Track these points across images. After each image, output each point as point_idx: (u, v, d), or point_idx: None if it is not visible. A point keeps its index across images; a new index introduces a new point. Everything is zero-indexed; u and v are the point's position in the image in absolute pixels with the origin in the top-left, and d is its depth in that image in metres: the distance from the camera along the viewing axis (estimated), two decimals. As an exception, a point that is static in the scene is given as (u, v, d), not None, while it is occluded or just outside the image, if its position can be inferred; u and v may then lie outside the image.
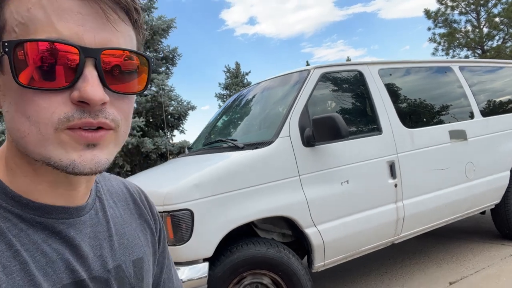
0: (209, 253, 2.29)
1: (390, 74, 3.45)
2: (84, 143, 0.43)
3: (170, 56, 9.88)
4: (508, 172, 3.89)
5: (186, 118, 9.43)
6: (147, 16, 8.90)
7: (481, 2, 17.79)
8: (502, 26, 17.49)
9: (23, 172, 0.48)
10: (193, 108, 9.39)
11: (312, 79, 2.93)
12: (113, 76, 0.45)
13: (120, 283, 0.55)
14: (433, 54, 19.40)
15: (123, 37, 0.46)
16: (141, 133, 7.85)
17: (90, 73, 0.42)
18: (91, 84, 0.42)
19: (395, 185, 3.05)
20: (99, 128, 0.44)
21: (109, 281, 0.53)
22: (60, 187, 0.49)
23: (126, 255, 0.57)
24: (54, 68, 0.41)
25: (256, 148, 2.61)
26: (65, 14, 0.41)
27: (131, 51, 0.46)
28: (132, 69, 0.47)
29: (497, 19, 17.55)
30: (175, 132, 9.68)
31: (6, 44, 0.40)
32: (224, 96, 23.85)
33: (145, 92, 9.00)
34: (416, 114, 3.56)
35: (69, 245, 0.49)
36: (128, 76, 0.47)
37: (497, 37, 17.96)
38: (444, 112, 3.71)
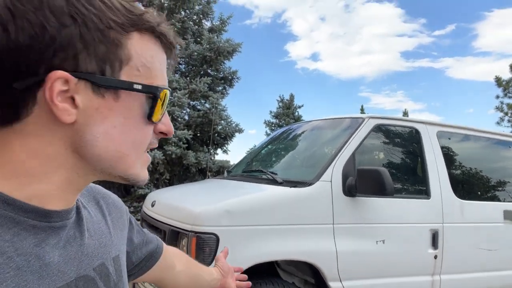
0: (226, 283, 2.22)
1: (449, 138, 3.28)
2: (148, 164, 0.57)
3: (229, 77, 10.17)
4: None
5: (232, 139, 9.56)
6: (216, 37, 9.28)
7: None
8: None
9: (48, 179, 0.47)
10: (240, 130, 9.52)
11: (365, 128, 2.85)
12: None
13: (106, 281, 0.57)
14: (498, 123, 18.41)
15: None
16: (186, 145, 8.05)
17: (165, 112, 0.56)
18: (169, 120, 0.57)
19: (435, 257, 2.83)
20: None
21: (95, 279, 0.54)
22: (70, 192, 0.51)
23: (107, 253, 0.59)
24: (163, 108, 0.54)
25: (295, 186, 2.55)
26: (165, 66, 0.55)
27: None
28: None
29: None
30: (219, 150, 9.83)
31: (159, 89, 0.52)
32: (273, 125, 24.02)
33: (199, 107, 9.31)
34: (470, 185, 3.33)
35: (59, 247, 0.49)
36: None
37: None
38: (500, 189, 3.45)
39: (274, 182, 2.70)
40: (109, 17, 0.47)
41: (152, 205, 2.87)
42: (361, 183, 2.50)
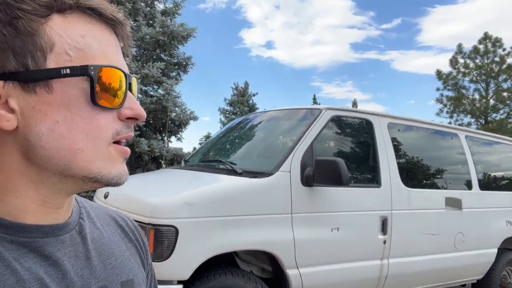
0: (186, 276, 2.20)
1: (399, 130, 3.45)
2: (124, 157, 0.50)
3: (184, 63, 9.92)
4: (496, 250, 3.86)
5: (187, 126, 9.39)
6: (169, 21, 8.98)
7: (492, 74, 18.22)
8: (508, 102, 17.86)
9: (17, 192, 0.46)
10: (195, 118, 9.37)
11: (322, 119, 2.92)
12: None
13: None
14: (438, 114, 19.71)
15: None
16: (138, 132, 7.78)
17: (130, 95, 0.50)
18: (136, 103, 0.50)
19: (384, 242, 3.00)
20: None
21: None
22: (50, 206, 0.49)
23: (114, 276, 0.55)
24: (114, 90, 0.48)
25: (255, 177, 2.56)
26: (110, 45, 0.49)
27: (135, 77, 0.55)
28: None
29: (504, 94, 17.95)
30: (173, 138, 9.62)
31: (92, 67, 0.45)
32: (227, 112, 23.89)
33: (151, 93, 9.01)
34: (416, 174, 3.54)
35: (45, 264, 0.47)
36: None
37: (502, 111, 18.32)
38: (443, 177, 3.70)
39: (233, 172, 2.69)
40: (16, 7, 0.42)
41: (105, 197, 2.75)
42: (319, 173, 2.56)
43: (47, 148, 0.45)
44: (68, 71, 0.44)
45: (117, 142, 0.49)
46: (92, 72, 0.45)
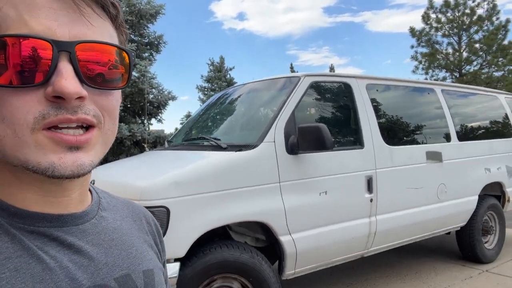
0: (182, 253, 2.24)
1: (377, 90, 3.50)
2: (65, 146, 0.42)
3: (155, 42, 9.68)
4: (476, 197, 4.03)
5: (166, 107, 9.27)
6: (135, -1, 8.67)
7: (464, 27, 18.40)
8: (481, 53, 18.16)
9: (6, 181, 0.45)
10: (173, 98, 9.24)
11: (301, 87, 2.92)
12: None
13: None
14: (413, 72, 19.91)
15: (100, 32, 0.45)
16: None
17: (65, 68, 0.41)
18: (65, 78, 0.40)
19: (371, 200, 3.10)
20: (82, 128, 0.43)
21: None
22: (49, 195, 0.47)
23: (136, 265, 0.54)
24: (27, 64, 0.39)
25: (240, 150, 2.57)
26: (37, 10, 0.40)
27: (106, 43, 0.45)
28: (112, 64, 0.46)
29: (477, 45, 18.21)
30: (153, 120, 9.50)
31: None
32: (206, 89, 23.58)
33: (126, 77, 8.79)
34: (397, 132, 3.62)
35: (69, 252, 0.46)
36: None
37: (475, 63, 18.62)
38: (423, 133, 3.80)
39: (218, 148, 2.69)
40: None
41: (92, 184, 2.73)
42: (303, 140, 2.60)
43: None
44: None
45: (54, 128, 0.41)
46: None
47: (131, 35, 9.13)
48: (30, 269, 0.42)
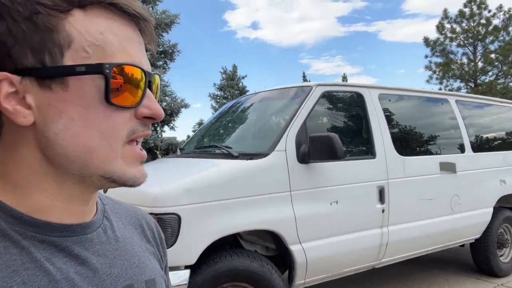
0: (192, 260, 2.25)
1: (390, 100, 3.48)
2: (140, 160, 0.50)
3: (170, 51, 9.82)
4: (491, 209, 3.96)
5: (179, 115, 9.36)
6: (151, 9, 8.83)
7: (479, 37, 18.20)
8: (496, 63, 17.91)
9: (42, 189, 0.47)
10: (186, 106, 9.34)
11: (313, 96, 2.93)
12: None
13: None
14: (427, 81, 19.75)
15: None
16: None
17: (149, 93, 0.49)
18: (154, 102, 0.49)
19: (383, 211, 3.07)
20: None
21: None
22: (75, 204, 0.49)
23: (138, 275, 0.55)
24: (131, 88, 0.47)
25: (251, 159, 2.59)
26: (132, 42, 0.48)
27: (160, 78, 0.56)
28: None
29: (492, 55, 17.97)
30: (165, 128, 9.60)
31: (107, 65, 0.44)
32: (218, 97, 23.77)
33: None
34: (410, 142, 3.59)
35: (75, 263, 0.47)
36: None
37: (490, 73, 18.38)
38: (436, 143, 3.76)
39: (230, 156, 2.71)
40: (36, 1, 0.42)
41: (105, 191, 2.77)
42: (314, 149, 2.60)
43: (63, 146, 0.45)
44: (83, 68, 0.44)
45: (133, 141, 0.48)
46: (107, 70, 0.44)
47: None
48: (37, 281, 0.43)
